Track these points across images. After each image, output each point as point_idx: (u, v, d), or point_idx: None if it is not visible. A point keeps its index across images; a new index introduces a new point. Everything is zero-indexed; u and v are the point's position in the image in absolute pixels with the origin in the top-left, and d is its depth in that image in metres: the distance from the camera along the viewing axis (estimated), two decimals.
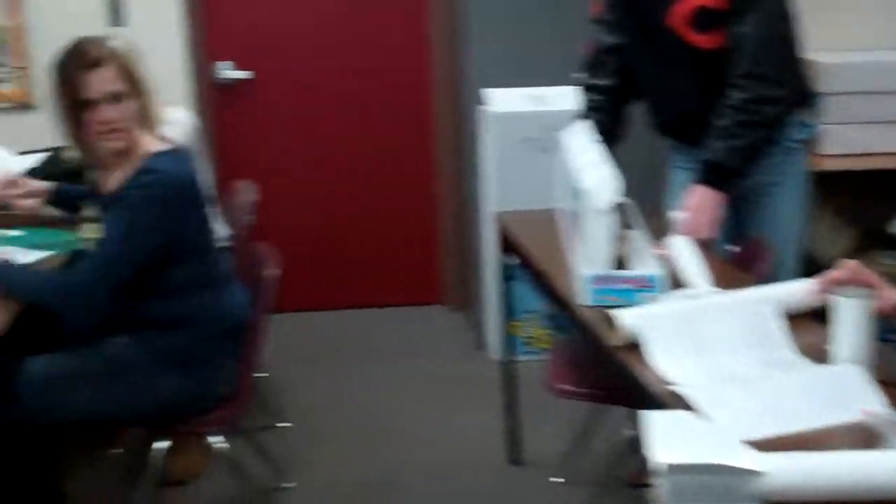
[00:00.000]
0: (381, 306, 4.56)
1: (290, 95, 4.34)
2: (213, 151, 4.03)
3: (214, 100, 4.22)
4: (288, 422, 3.39)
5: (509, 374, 3.15)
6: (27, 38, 3.98)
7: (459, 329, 4.35)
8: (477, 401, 3.54)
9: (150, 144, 2.44)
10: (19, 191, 2.73)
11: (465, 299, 4.38)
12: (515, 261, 2.87)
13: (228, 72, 4.22)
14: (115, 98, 2.35)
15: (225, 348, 2.48)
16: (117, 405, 2.40)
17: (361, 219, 4.50)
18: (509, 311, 3.12)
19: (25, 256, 2.65)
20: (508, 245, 2.91)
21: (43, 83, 3.96)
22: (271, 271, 2.52)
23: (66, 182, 3.13)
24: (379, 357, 4.09)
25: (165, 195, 2.34)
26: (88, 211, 2.52)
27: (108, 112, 2.35)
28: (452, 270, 4.50)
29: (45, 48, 3.94)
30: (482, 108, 3.83)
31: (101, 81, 2.35)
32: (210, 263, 2.50)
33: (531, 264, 2.64)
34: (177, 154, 2.45)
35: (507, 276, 3.03)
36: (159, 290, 2.40)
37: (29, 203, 2.78)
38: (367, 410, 3.60)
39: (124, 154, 2.42)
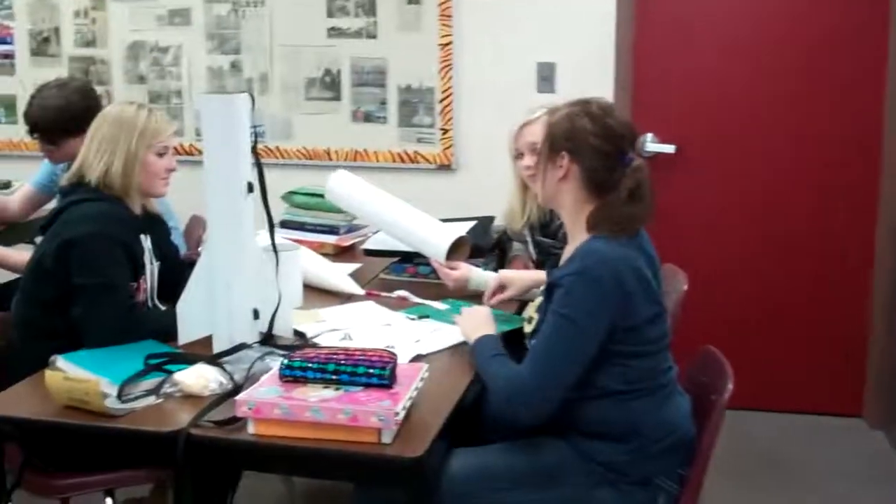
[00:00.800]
0: (788, 411, 4.10)
1: (716, 173, 4.03)
2: None
3: None
4: None
5: None
6: (455, 100, 3.96)
7: (882, 451, 3.80)
8: None
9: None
10: (512, 292, 2.63)
11: (894, 417, 3.82)
12: None
13: (650, 145, 3.98)
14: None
15: (666, 467, 2.18)
16: None
17: (781, 310, 4.08)
18: None
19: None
20: None
21: (465, 147, 3.99)
22: (727, 385, 2.19)
23: (489, 253, 3.04)
24: (786, 471, 3.66)
25: (604, 284, 2.08)
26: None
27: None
28: (880, 382, 3.96)
29: (471, 112, 3.96)
30: None
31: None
32: (657, 366, 2.22)
33: None
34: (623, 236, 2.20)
35: None
36: (598, 389, 2.15)
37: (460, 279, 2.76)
38: None
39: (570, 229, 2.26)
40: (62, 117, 3.26)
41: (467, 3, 3.90)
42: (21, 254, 3.19)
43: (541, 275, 2.61)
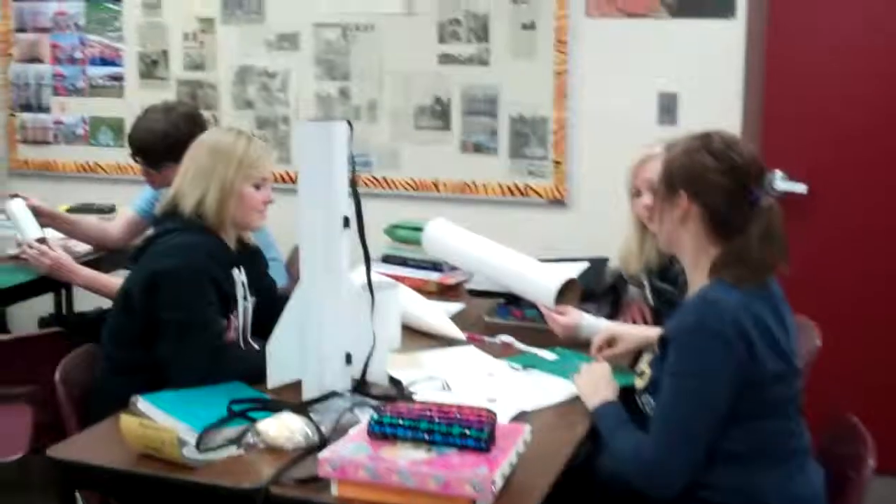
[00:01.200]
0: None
1: (852, 215, 3.69)
2: None
3: None
4: None
5: None
6: (569, 131, 3.76)
7: None
8: None
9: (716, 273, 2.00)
10: (621, 348, 2.41)
11: None
12: None
13: (780, 183, 3.70)
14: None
15: None
16: None
17: None
18: None
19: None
20: None
21: (580, 181, 3.79)
22: (867, 461, 1.94)
23: (602, 298, 2.84)
24: None
25: (723, 336, 1.88)
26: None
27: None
28: None
29: (586, 144, 3.75)
30: None
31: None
32: (785, 430, 1.99)
33: None
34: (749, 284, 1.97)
35: None
36: (716, 453, 1.93)
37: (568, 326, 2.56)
38: None
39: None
40: (166, 142, 3.18)
41: (584, 29, 3.69)
42: (119, 281, 3.11)
43: (654, 332, 2.34)
